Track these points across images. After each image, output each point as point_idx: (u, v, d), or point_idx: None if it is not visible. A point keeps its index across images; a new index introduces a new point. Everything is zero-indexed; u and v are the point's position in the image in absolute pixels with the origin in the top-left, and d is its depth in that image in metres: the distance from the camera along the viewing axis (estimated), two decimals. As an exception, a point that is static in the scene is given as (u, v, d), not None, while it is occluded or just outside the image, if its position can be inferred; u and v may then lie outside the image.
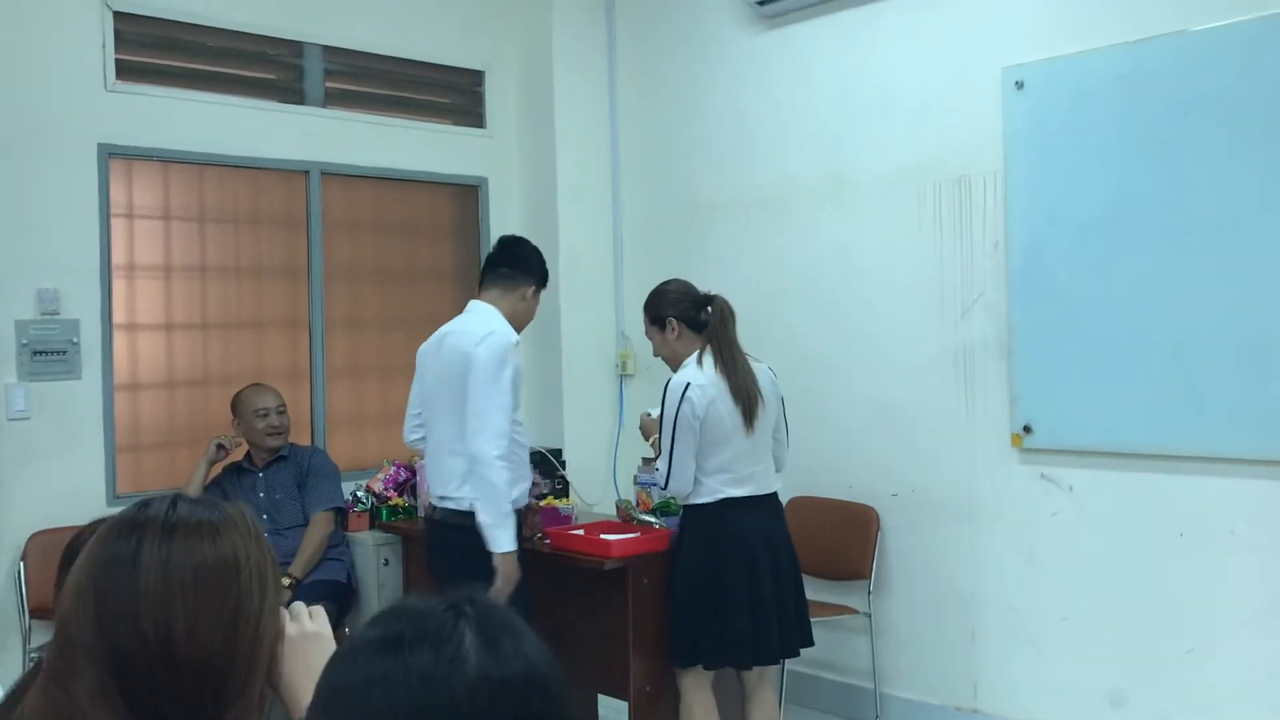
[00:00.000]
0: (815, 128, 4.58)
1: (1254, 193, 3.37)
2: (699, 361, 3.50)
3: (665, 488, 3.55)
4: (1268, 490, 3.39)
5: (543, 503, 4.17)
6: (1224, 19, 3.42)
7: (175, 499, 1.25)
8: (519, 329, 3.60)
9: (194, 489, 4.20)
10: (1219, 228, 3.44)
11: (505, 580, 3.32)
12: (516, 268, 3.66)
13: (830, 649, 4.42)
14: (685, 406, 3.43)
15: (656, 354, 3.72)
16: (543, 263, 3.72)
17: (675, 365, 3.60)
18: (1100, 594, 3.75)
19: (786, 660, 3.87)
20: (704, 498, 3.49)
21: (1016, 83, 3.89)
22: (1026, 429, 3.91)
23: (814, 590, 4.27)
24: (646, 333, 3.71)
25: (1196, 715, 3.51)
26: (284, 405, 4.40)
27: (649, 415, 3.81)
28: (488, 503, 3.32)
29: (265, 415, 4.33)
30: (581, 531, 3.92)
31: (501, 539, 3.32)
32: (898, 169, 4.29)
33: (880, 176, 4.35)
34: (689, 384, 3.44)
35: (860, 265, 4.42)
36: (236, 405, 4.37)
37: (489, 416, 3.34)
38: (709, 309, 3.56)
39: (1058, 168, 3.81)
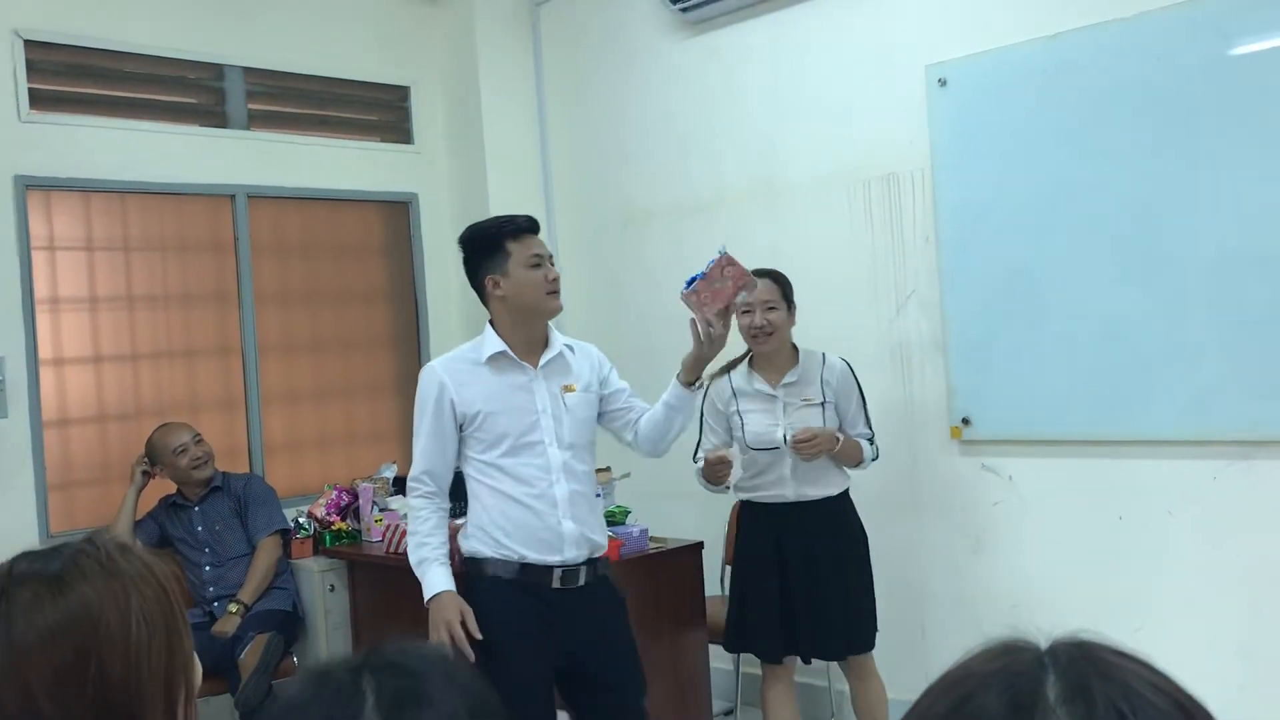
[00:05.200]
0: (744, 132, 4.60)
1: (1173, 180, 3.45)
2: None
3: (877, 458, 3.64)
4: (1199, 470, 3.46)
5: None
6: (1137, 9, 3.49)
7: (15, 559, 1.15)
8: (533, 317, 2.96)
9: (124, 519, 4.13)
10: (1141, 215, 3.51)
11: (432, 628, 2.86)
12: (469, 277, 3.05)
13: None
14: None
15: (771, 331, 3.49)
16: (479, 236, 3.03)
17: (778, 348, 3.57)
18: (1046, 580, 3.80)
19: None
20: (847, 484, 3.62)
21: (940, 80, 3.95)
22: (965, 421, 3.96)
23: (765, 592, 4.29)
24: (776, 313, 3.50)
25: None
26: (199, 435, 4.29)
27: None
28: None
29: (184, 450, 4.21)
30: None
31: (424, 585, 2.89)
32: (827, 169, 4.33)
33: (811, 177, 4.38)
34: None
35: (795, 266, 4.41)
36: (153, 452, 4.22)
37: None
38: None
39: (983, 162, 3.86)
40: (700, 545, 4.13)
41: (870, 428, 3.62)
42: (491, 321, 2.97)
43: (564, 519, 2.86)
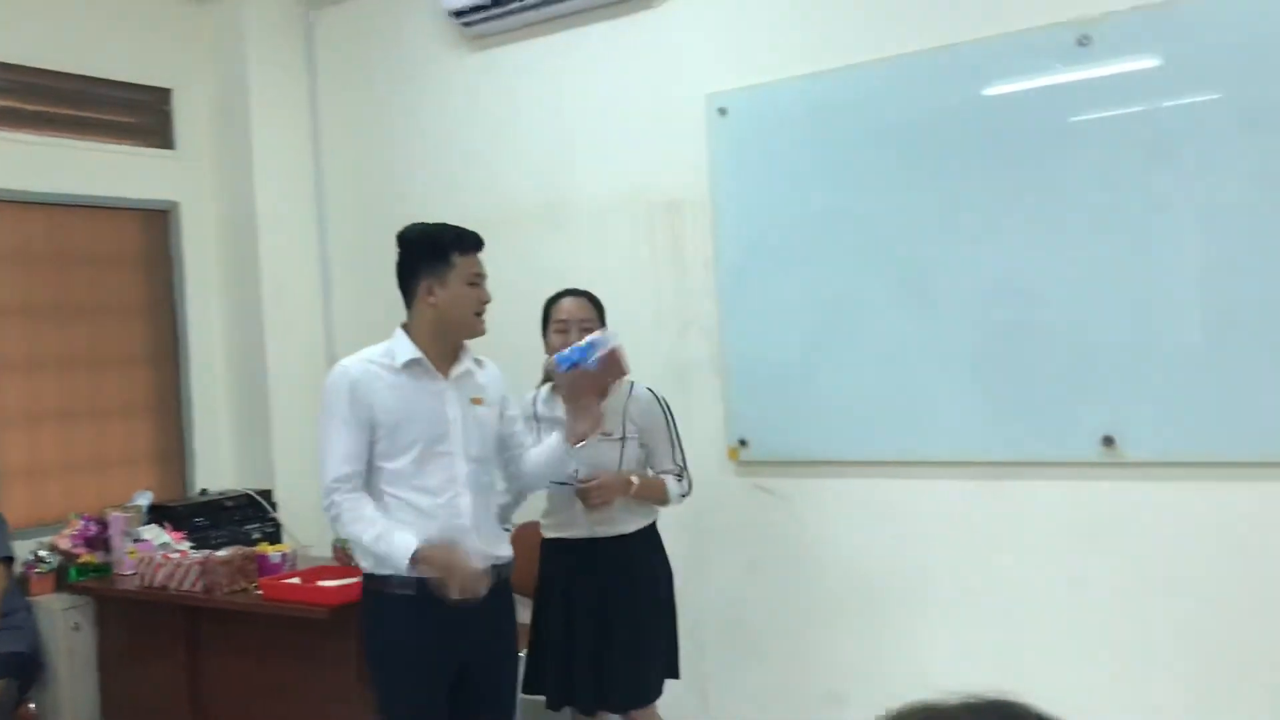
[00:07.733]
0: (529, 151, 4.56)
1: (934, 214, 3.62)
2: None
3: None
4: (960, 490, 3.63)
5: (255, 549, 3.92)
6: (897, 50, 3.65)
7: None
8: (457, 332, 2.94)
9: None
10: (907, 246, 3.67)
11: (442, 571, 2.73)
12: (401, 275, 2.99)
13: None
14: None
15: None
16: (426, 240, 2.97)
17: None
18: (819, 599, 3.91)
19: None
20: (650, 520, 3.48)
21: (720, 109, 4.02)
22: (742, 442, 4.04)
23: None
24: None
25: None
26: None
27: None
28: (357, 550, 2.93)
29: None
30: (297, 580, 3.71)
31: (393, 555, 2.74)
32: (612, 193, 4.33)
33: (596, 200, 4.38)
34: None
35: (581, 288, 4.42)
36: None
37: (320, 458, 2.90)
38: None
39: (761, 191, 3.96)
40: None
41: (681, 461, 3.45)
42: (406, 326, 2.92)
43: (467, 530, 2.84)
